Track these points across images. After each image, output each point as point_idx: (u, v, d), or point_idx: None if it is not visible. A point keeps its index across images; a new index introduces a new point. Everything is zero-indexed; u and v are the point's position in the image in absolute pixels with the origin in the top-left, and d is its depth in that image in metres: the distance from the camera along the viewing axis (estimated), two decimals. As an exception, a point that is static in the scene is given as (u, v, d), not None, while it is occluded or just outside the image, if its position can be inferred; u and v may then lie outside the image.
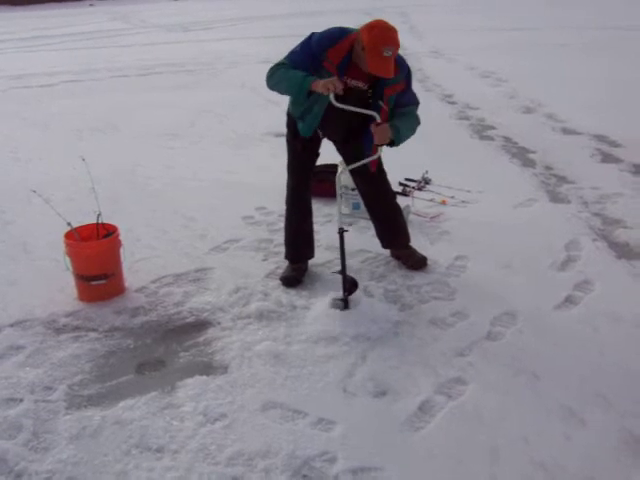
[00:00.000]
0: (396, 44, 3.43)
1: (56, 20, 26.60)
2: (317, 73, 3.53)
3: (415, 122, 3.83)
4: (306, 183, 4.20)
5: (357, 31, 3.53)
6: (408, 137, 3.78)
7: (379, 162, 4.11)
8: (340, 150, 4.21)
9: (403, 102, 3.76)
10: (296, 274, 4.23)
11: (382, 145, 3.70)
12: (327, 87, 3.38)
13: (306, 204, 4.25)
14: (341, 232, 3.76)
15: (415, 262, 4.34)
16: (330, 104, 3.55)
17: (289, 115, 4.04)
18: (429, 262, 4.41)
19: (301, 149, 4.03)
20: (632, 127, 7.69)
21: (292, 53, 3.67)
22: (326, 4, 26.87)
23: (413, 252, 4.40)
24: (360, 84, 3.67)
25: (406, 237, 4.42)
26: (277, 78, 3.63)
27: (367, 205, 4.37)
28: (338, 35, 3.57)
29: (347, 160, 4.14)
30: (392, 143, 3.71)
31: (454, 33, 16.93)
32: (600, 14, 19.94)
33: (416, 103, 3.85)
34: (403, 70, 3.69)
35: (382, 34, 3.42)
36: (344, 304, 3.77)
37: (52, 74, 12.80)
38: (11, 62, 14.71)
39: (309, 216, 4.29)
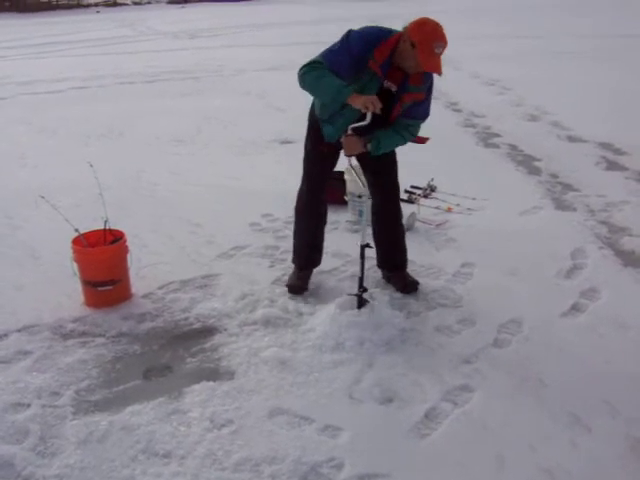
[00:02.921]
0: (446, 41, 3.34)
1: (63, 27, 26.69)
2: (359, 72, 3.42)
3: (405, 139, 3.72)
4: (322, 189, 4.11)
5: (401, 30, 3.42)
6: (390, 149, 3.74)
7: (395, 178, 4.06)
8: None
9: (413, 113, 3.65)
10: (302, 282, 4.21)
11: (351, 156, 3.67)
12: (367, 105, 3.28)
13: (321, 211, 4.19)
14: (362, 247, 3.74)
15: (406, 285, 4.20)
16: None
17: (312, 118, 3.89)
18: (435, 269, 4.41)
19: (327, 153, 3.89)
20: (638, 135, 7.68)
21: (330, 52, 3.47)
22: (330, 12, 26.93)
23: (406, 275, 4.28)
24: (393, 86, 3.54)
25: (404, 260, 4.29)
26: (311, 80, 3.43)
27: (376, 222, 4.19)
28: (382, 34, 3.46)
29: (364, 164, 4.01)
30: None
31: (460, 41, 16.91)
32: (606, 22, 19.92)
33: (424, 117, 3.73)
34: (427, 81, 3.60)
35: (433, 30, 3.32)
36: (358, 301, 3.76)
37: (59, 80, 12.84)
38: (19, 69, 14.76)
39: (322, 223, 4.24)
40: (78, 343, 3.71)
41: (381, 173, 4.02)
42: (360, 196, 5.16)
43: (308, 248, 4.25)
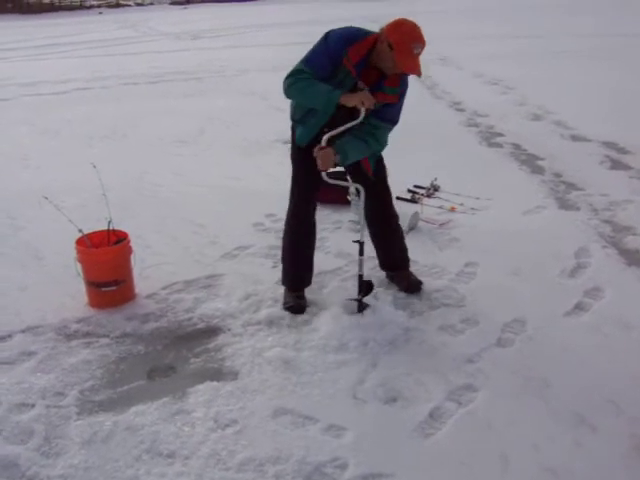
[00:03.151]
0: (424, 42, 3.32)
1: (66, 28, 26.73)
2: (335, 71, 3.39)
3: (370, 146, 3.60)
4: (313, 206, 3.99)
5: (378, 32, 3.41)
6: (357, 158, 3.62)
7: (385, 179, 3.99)
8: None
9: (381, 114, 3.53)
10: (302, 301, 4.04)
11: (326, 171, 3.51)
12: (363, 102, 3.29)
13: (311, 231, 4.04)
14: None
15: (409, 285, 4.17)
16: (338, 107, 3.37)
17: (294, 127, 3.81)
18: (438, 269, 4.41)
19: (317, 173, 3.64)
20: (641, 134, 7.68)
21: (311, 56, 3.44)
22: (331, 12, 26.91)
23: (409, 275, 4.25)
24: (364, 87, 3.48)
25: (406, 260, 4.26)
26: (299, 90, 3.40)
27: (370, 225, 4.10)
28: (359, 34, 3.42)
29: (350, 170, 3.96)
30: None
31: (462, 41, 16.92)
32: (606, 22, 19.90)
33: (392, 121, 3.62)
34: (403, 85, 3.55)
35: (411, 31, 3.30)
36: (358, 306, 3.77)
37: (62, 82, 12.86)
38: (21, 70, 14.78)
39: (313, 239, 4.07)
40: (82, 344, 3.71)
41: (373, 185, 3.91)
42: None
43: (301, 268, 4.08)
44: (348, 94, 3.34)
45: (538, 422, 2.96)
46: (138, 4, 39.07)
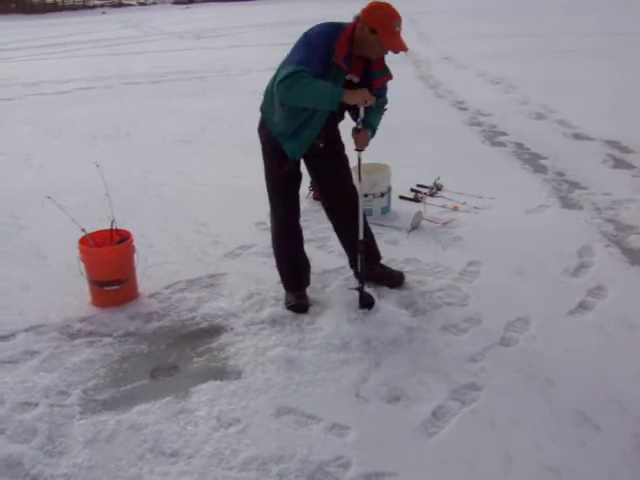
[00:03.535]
0: (400, 18, 3.36)
1: (69, 28, 26.78)
2: (327, 69, 3.35)
3: (382, 111, 3.77)
4: (298, 210, 4.00)
5: (352, 21, 3.42)
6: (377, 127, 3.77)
7: (348, 171, 3.99)
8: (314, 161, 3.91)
9: (383, 91, 3.70)
10: (304, 300, 4.03)
11: (362, 150, 3.63)
12: (364, 99, 3.32)
13: (299, 231, 4.06)
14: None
15: (396, 279, 4.19)
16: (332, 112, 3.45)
17: (266, 137, 3.79)
18: (441, 268, 4.41)
19: (293, 169, 3.77)
20: (645, 133, 7.66)
21: (301, 60, 3.30)
22: (334, 12, 26.95)
23: (390, 270, 4.25)
24: (355, 78, 3.52)
25: (379, 254, 4.25)
26: (301, 89, 3.25)
27: (339, 229, 4.13)
28: (338, 28, 3.41)
29: (312, 166, 3.95)
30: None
31: (464, 40, 16.91)
32: (607, 20, 19.88)
33: (386, 89, 3.74)
34: (386, 64, 3.61)
35: (390, 12, 3.34)
36: (359, 295, 3.76)
37: (65, 81, 12.88)
38: (25, 70, 14.81)
39: (302, 241, 4.09)
40: (85, 343, 3.72)
41: (334, 170, 3.95)
42: (366, 195, 5.19)
43: (298, 269, 4.10)
44: (350, 91, 3.32)
45: (541, 421, 2.95)
46: (141, 3, 39.15)
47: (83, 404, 3.19)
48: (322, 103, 3.35)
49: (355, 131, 3.58)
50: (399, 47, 3.35)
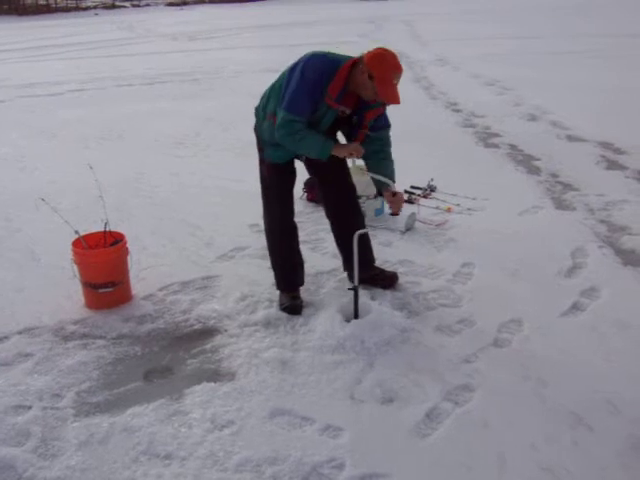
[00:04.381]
0: (402, 70, 3.44)
1: (62, 30, 26.74)
2: (319, 107, 3.47)
3: (391, 151, 3.85)
4: (292, 208, 4.02)
5: (352, 58, 3.47)
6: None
7: (348, 174, 4.05)
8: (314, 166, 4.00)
9: (379, 125, 3.74)
10: (298, 301, 4.03)
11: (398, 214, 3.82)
12: (352, 153, 3.53)
13: (294, 230, 4.08)
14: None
15: (390, 280, 4.21)
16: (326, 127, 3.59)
17: (257, 138, 3.93)
18: (435, 269, 4.42)
19: (288, 168, 3.88)
20: (637, 134, 7.70)
21: (292, 105, 3.44)
22: (329, 13, 26.98)
23: (383, 271, 4.27)
24: (347, 110, 3.60)
25: (373, 258, 4.28)
26: (293, 142, 3.48)
27: (339, 234, 4.17)
28: (333, 66, 3.46)
29: (315, 171, 4.05)
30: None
31: (458, 41, 16.97)
32: (604, 22, 19.97)
33: (389, 125, 3.81)
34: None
35: (393, 64, 3.39)
36: (354, 295, 3.75)
37: (58, 83, 12.87)
38: (18, 71, 14.79)
39: (297, 240, 4.12)
40: (79, 345, 3.71)
41: (333, 175, 3.98)
42: (367, 197, 5.22)
43: (292, 269, 4.11)
44: (339, 145, 3.55)
45: (535, 422, 2.96)
46: (134, 5, 39.12)
47: (76, 407, 3.17)
48: (313, 154, 3.58)
49: (392, 194, 3.68)
50: (391, 100, 3.44)
